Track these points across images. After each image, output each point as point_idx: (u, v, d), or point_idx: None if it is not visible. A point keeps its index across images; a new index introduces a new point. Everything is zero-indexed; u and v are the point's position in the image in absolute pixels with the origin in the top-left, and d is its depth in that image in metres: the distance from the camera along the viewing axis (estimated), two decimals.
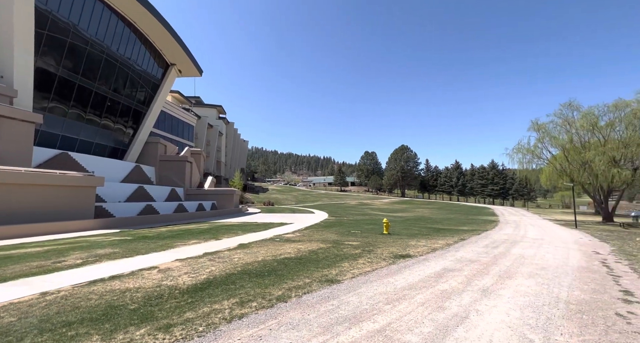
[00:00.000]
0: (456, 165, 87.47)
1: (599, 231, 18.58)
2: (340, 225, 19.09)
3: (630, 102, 24.82)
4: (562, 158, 27.81)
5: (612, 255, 10.01)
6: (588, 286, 6.13)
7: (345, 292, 5.45)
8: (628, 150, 24.08)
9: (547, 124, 29.06)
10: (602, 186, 26.59)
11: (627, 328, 4.09)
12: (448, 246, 11.04)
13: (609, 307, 4.95)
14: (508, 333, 3.87)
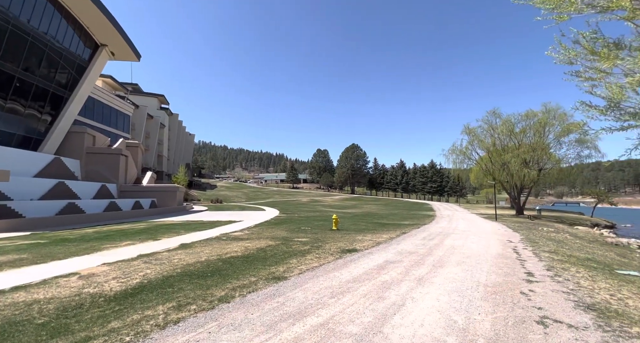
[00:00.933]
0: (401, 164, 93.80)
1: (512, 223, 21.66)
2: (291, 221, 19.07)
3: (537, 113, 29.35)
4: (487, 159, 31.70)
5: (521, 243, 11.76)
6: (502, 271, 7.10)
7: (292, 288, 5.45)
8: (535, 153, 28.49)
9: (476, 129, 32.87)
10: (517, 184, 31.05)
11: (527, 304, 4.83)
12: (391, 239, 11.78)
13: (516, 287, 5.80)
14: (437, 317, 4.28)
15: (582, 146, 27.94)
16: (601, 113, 4.03)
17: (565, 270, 7.42)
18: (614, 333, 3.86)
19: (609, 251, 12.74)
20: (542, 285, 5.96)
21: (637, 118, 3.78)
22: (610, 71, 3.60)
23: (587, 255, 10.22)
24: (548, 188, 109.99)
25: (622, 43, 3.60)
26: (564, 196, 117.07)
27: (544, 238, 14.16)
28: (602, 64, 3.57)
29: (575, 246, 12.43)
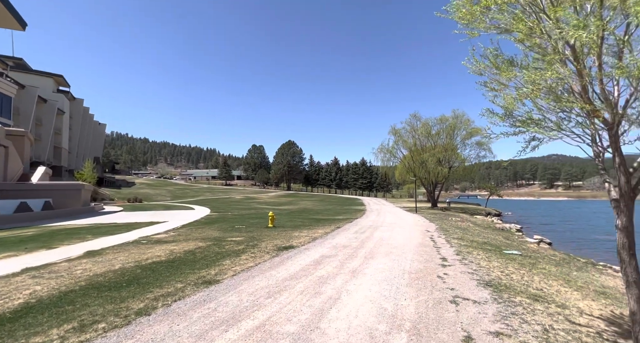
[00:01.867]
0: (335, 161, 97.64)
1: (429, 214, 24.62)
2: (224, 220, 18.02)
3: (448, 118, 33.94)
4: (409, 158, 35.26)
5: (436, 232, 13.42)
6: (422, 258, 7.97)
7: (225, 292, 5.10)
8: (447, 153, 32.94)
9: (400, 130, 36.24)
10: (432, 180, 35.39)
11: (443, 286, 5.51)
12: (326, 234, 12.12)
13: (434, 272, 6.56)
14: (369, 307, 4.52)
15: (480, 148, 33.55)
16: (501, 120, 4.73)
17: (469, 253, 8.73)
18: (505, 304, 4.67)
19: (498, 235, 15.55)
20: (453, 268, 6.88)
21: (525, 125, 4.50)
22: (507, 84, 4.27)
23: (484, 240, 12.25)
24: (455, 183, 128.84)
25: (515, 61, 4.29)
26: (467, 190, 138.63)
27: (453, 226, 16.46)
28: (502, 77, 4.20)
29: (475, 233, 14.78)
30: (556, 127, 4.31)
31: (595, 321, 4.44)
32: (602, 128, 4.02)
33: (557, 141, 4.54)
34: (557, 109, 4.23)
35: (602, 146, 4.12)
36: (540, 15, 3.57)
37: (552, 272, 7.61)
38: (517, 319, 4.11)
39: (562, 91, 4.15)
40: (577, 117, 4.23)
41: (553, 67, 3.52)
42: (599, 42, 3.17)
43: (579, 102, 3.58)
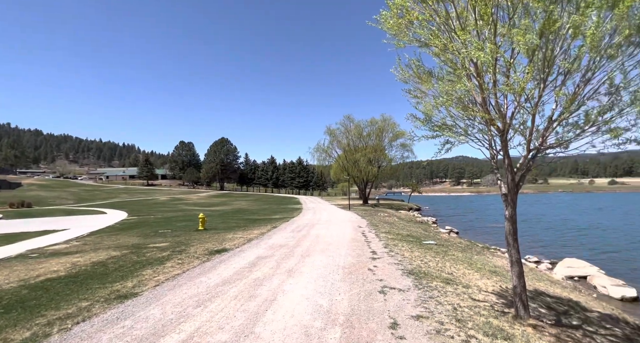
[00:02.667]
0: (272, 160, 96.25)
1: (361, 211, 26.23)
2: (145, 225, 16.03)
3: (378, 121, 36.74)
4: (343, 158, 36.97)
5: (367, 227, 14.36)
6: (355, 252, 8.42)
7: (145, 305, 4.51)
8: (376, 154, 35.62)
9: (335, 130, 37.73)
10: (364, 179, 37.83)
11: (373, 278, 5.91)
12: (262, 235, 11.82)
13: (365, 265, 6.99)
14: (306, 305, 4.56)
15: (405, 150, 37.32)
16: (422, 124, 5.24)
17: (395, 245, 9.57)
18: (424, 289, 5.25)
19: (419, 228, 17.49)
20: (382, 261, 7.44)
21: (440, 130, 5.07)
22: (427, 93, 4.78)
23: (407, 232, 13.60)
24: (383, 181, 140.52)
25: (433, 73, 4.83)
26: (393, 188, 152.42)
27: (381, 221, 17.86)
28: (423, 86, 4.67)
29: (400, 226, 16.32)
30: (464, 133, 5.00)
31: (490, 296, 5.33)
32: (496, 135, 4.81)
33: (465, 144, 5.29)
34: (465, 117, 4.91)
35: (496, 150, 4.92)
36: (452, 35, 4.09)
37: (459, 257, 8.89)
38: (433, 302, 4.66)
39: (468, 102, 4.82)
40: (479, 125, 4.98)
41: (462, 81, 4.07)
42: (494, 62, 3.78)
43: (480, 112, 4.21)
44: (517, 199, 4.74)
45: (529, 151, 4.62)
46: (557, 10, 3.22)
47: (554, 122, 4.32)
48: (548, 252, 14.87)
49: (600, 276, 9.98)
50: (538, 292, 6.31)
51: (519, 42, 3.33)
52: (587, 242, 17.38)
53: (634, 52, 3.29)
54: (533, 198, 67.02)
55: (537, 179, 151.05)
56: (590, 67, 3.54)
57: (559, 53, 3.60)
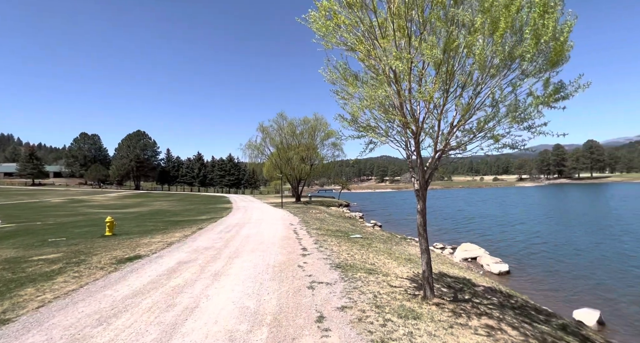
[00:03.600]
0: (198, 156, 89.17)
1: (293, 209, 26.42)
2: (28, 233, 13.01)
3: (310, 120, 37.53)
4: (276, 155, 36.64)
5: (299, 224, 14.53)
6: (286, 250, 8.42)
7: (20, 334, 3.65)
8: (309, 152, 36.38)
9: (268, 127, 37.10)
10: (297, 177, 38.20)
11: (302, 274, 6.00)
12: (186, 237, 10.85)
13: (295, 262, 7.05)
14: (231, 308, 4.35)
15: (335, 149, 39.03)
16: (349, 124, 5.49)
17: (325, 241, 9.91)
18: (349, 281, 5.57)
19: (347, 223, 18.54)
20: (312, 256, 7.62)
21: (365, 130, 5.39)
22: (353, 95, 5.04)
23: (336, 228, 14.26)
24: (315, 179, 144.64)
25: (359, 76, 5.11)
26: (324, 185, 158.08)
27: (313, 218, 18.32)
28: (349, 88, 4.91)
29: (330, 222, 17.02)
30: (385, 134, 5.43)
31: (405, 281, 5.98)
32: (411, 137, 5.37)
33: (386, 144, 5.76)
34: (386, 120, 5.35)
35: (411, 150, 5.49)
36: (375, 42, 4.40)
37: (381, 249, 9.72)
38: (357, 292, 4.98)
39: (389, 106, 5.26)
40: (397, 127, 5.50)
41: (383, 86, 4.42)
42: (409, 72, 4.20)
43: (399, 116, 4.64)
44: (427, 194, 5.40)
45: (436, 152, 5.29)
46: (455, 31, 3.76)
47: (454, 127, 5.04)
48: (451, 239, 17.46)
49: (485, 257, 12.18)
50: (442, 274, 7.34)
51: (427, 55, 3.77)
52: (477, 228, 21.04)
53: (507, 73, 4.07)
54: (440, 193, 77.97)
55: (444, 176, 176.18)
56: (479, 82, 4.24)
57: (457, 68, 4.21)
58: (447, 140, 5.14)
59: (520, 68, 4.09)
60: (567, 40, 3.67)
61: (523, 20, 3.72)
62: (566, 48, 3.70)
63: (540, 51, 3.66)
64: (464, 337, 3.65)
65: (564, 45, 3.62)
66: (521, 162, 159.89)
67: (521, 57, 3.91)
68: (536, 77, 4.18)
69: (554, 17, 3.44)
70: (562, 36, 3.56)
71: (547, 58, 3.88)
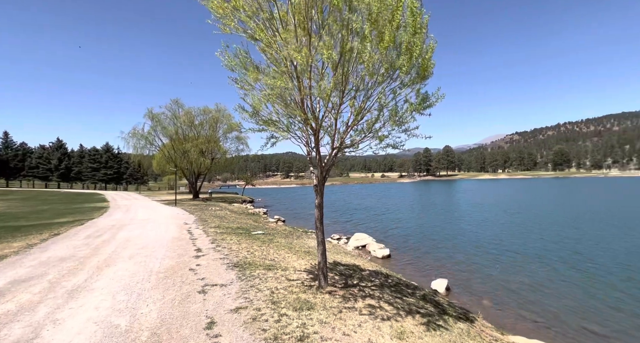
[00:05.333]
0: (58, 144, 70.21)
1: (190, 206, 23.92)
2: None
3: (212, 110, 34.63)
4: (170, 147, 32.34)
5: (194, 223, 13.21)
6: (175, 253, 7.46)
7: None
8: (210, 145, 33.56)
9: (159, 115, 32.23)
10: (195, 171, 34.74)
11: (194, 278, 5.43)
12: (30, 247, 8.29)
13: (186, 265, 6.33)
14: (92, 331, 3.51)
15: (240, 142, 37.23)
16: (250, 116, 5.23)
17: (223, 240, 9.30)
18: (247, 279, 5.35)
19: (249, 219, 18.00)
20: (207, 257, 7.00)
21: (267, 124, 5.23)
22: (254, 86, 4.81)
23: (238, 225, 13.64)
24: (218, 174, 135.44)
25: (260, 67, 4.91)
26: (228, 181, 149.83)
27: (212, 216, 16.99)
28: (250, 78, 4.65)
29: (231, 219, 16.15)
30: (287, 129, 5.41)
31: (302, 274, 6.17)
32: (311, 133, 5.53)
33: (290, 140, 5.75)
34: (287, 115, 5.33)
35: (311, 147, 5.66)
36: (275, 33, 4.29)
37: (282, 243, 9.81)
38: (254, 290, 4.82)
39: (291, 101, 5.25)
40: (299, 123, 5.56)
41: (283, 79, 4.36)
42: (309, 68, 4.28)
43: (299, 112, 4.68)
44: (324, 190, 5.67)
45: (333, 149, 5.62)
46: (349, 36, 4.03)
47: (349, 127, 5.45)
48: (346, 229, 19.24)
49: (372, 244, 13.91)
50: (336, 263, 7.94)
51: (324, 55, 3.91)
52: (367, 219, 23.93)
53: (390, 82, 4.65)
54: (339, 188, 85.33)
55: (343, 173, 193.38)
56: (369, 87, 4.69)
57: (352, 71, 4.54)
58: (343, 138, 5.52)
59: (400, 78, 4.73)
60: (430, 58, 4.44)
61: (402, 37, 4.31)
62: (430, 65, 4.48)
63: (412, 65, 4.30)
64: (351, 319, 4.00)
65: (429, 62, 4.36)
66: (402, 162, 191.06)
67: (400, 69, 4.53)
68: (411, 87, 4.93)
69: (421, 37, 4.10)
70: (427, 54, 4.28)
71: (417, 72, 4.61)
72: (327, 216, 26.11)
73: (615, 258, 11.29)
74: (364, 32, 3.88)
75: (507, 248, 13.27)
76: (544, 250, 12.64)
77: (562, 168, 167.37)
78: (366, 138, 5.49)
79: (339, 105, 4.93)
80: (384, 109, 4.76)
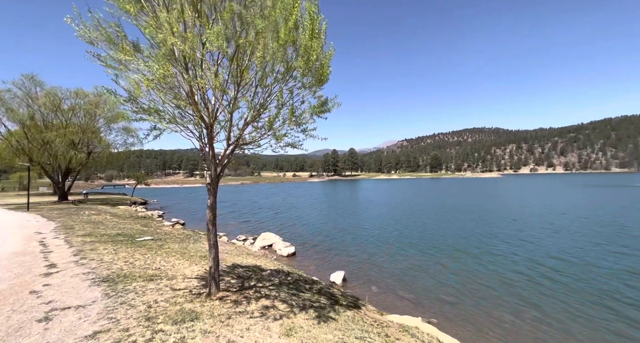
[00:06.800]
0: None
1: (51, 211, 18.92)
2: None
3: (89, 94, 28.23)
4: (21, 135, 24.90)
5: (53, 232, 10.46)
6: (12, 273, 5.68)
7: None
8: (85, 135, 27.36)
9: (3, 93, 24.31)
10: (63, 167, 27.73)
11: (35, 303, 4.21)
12: None
13: (27, 287, 4.88)
14: None
15: (129, 135, 31.55)
16: (124, 102, 4.41)
17: (94, 250, 7.64)
18: (117, 296, 4.49)
19: (137, 224, 15.45)
20: (63, 274, 5.59)
21: (148, 114, 4.52)
22: (128, 67, 4.06)
23: (118, 231, 11.48)
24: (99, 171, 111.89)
25: (142, 48, 4.20)
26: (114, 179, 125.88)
27: (83, 222, 13.83)
28: (122, 56, 3.91)
29: (111, 225, 13.50)
30: (174, 121, 4.79)
31: (193, 281, 5.60)
32: (204, 127, 5.06)
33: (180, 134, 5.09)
34: (174, 105, 4.72)
35: (205, 142, 5.18)
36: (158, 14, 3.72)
37: (174, 249, 8.74)
38: (124, 308, 4.06)
39: (179, 89, 4.67)
40: (190, 115, 5.00)
41: (166, 64, 3.82)
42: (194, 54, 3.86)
43: (185, 101, 4.20)
44: (217, 189, 5.27)
45: (229, 146, 5.28)
46: (242, 27, 3.84)
47: (247, 123, 5.22)
48: (253, 229, 18.70)
49: (279, 243, 13.94)
50: (235, 266, 7.55)
51: (213, 43, 3.60)
52: (276, 217, 23.93)
53: (288, 82, 4.67)
54: (249, 187, 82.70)
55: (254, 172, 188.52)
56: (266, 84, 4.59)
57: (246, 66, 4.34)
58: (241, 135, 5.25)
59: (298, 79, 4.80)
60: (328, 64, 4.67)
61: (301, 40, 4.38)
62: (327, 71, 4.71)
63: (309, 68, 4.43)
64: (239, 324, 3.81)
65: (326, 68, 4.57)
66: (312, 162, 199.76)
67: (299, 70, 4.59)
68: (310, 90, 5.07)
69: (319, 43, 4.25)
70: (324, 60, 4.48)
71: (315, 76, 4.77)
72: (235, 216, 24.87)
73: (470, 240, 14.47)
74: (257, 27, 3.74)
75: (395, 238, 15.36)
76: (419, 238, 15.17)
77: (436, 170, 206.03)
78: (266, 135, 5.38)
79: (234, 99, 4.66)
80: (283, 108, 4.74)
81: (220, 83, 4.14)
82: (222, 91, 4.46)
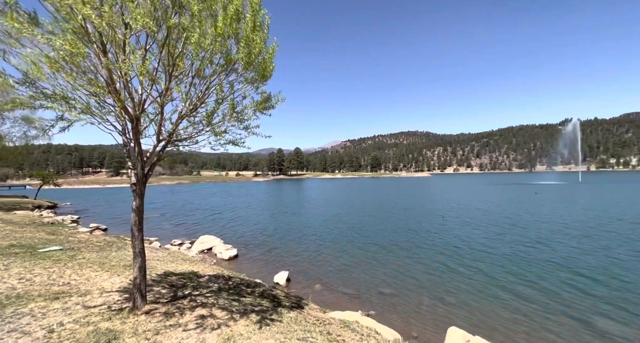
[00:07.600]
0: None
1: None
2: None
3: None
4: None
5: None
6: None
7: None
8: None
9: None
10: None
11: None
12: None
13: None
14: None
15: (30, 126, 26.38)
16: (17, 85, 3.64)
17: None
18: (4, 323, 3.65)
19: (41, 232, 12.97)
20: None
21: (51, 100, 3.82)
22: (21, 42, 3.34)
23: (12, 242, 9.45)
24: None
25: (42, 23, 3.50)
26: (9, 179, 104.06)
27: None
28: (13, 30, 3.20)
29: (2, 235, 11.05)
30: (88, 111, 4.09)
31: (113, 295, 4.88)
32: (129, 120, 4.44)
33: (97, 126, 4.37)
34: (89, 92, 4.04)
35: (129, 137, 4.55)
36: None
37: (90, 259, 7.54)
38: (15, 335, 3.31)
39: (97, 75, 4.00)
40: (110, 106, 4.32)
41: (75, 41, 3.22)
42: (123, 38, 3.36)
43: (99, 88, 3.62)
44: (145, 190, 4.68)
45: (159, 142, 4.74)
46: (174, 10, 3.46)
47: (182, 117, 4.74)
48: (191, 233, 17.31)
49: (219, 246, 13.16)
50: (167, 273, 6.85)
51: (138, 21, 3.17)
52: (213, 219, 22.60)
53: (228, 75, 4.39)
54: (187, 187, 76.49)
55: (193, 171, 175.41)
56: (203, 75, 4.23)
57: (180, 54, 3.93)
58: (174, 130, 4.75)
59: (239, 72, 4.54)
60: (271, 60, 4.51)
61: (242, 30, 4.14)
62: (271, 67, 4.55)
63: (251, 62, 4.22)
64: (169, 340, 3.43)
65: (269, 63, 4.41)
66: (257, 161, 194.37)
67: (239, 63, 4.34)
68: (252, 86, 4.84)
69: (261, 36, 4.08)
70: (267, 55, 4.31)
71: (258, 71, 4.57)
72: (169, 218, 22.70)
73: (403, 235, 15.67)
74: (191, 9, 3.40)
75: (338, 236, 15.81)
76: (360, 235, 15.92)
77: (376, 170, 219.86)
78: (204, 131, 4.97)
79: (165, 90, 4.18)
80: (223, 102, 4.42)
81: (147, 70, 3.66)
82: (151, 79, 3.97)
